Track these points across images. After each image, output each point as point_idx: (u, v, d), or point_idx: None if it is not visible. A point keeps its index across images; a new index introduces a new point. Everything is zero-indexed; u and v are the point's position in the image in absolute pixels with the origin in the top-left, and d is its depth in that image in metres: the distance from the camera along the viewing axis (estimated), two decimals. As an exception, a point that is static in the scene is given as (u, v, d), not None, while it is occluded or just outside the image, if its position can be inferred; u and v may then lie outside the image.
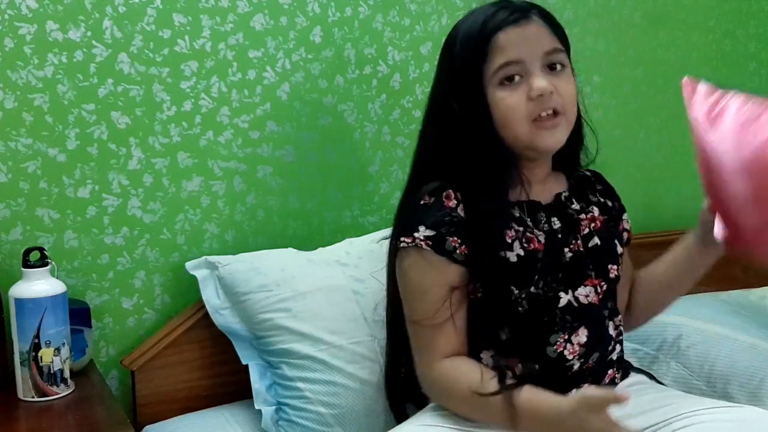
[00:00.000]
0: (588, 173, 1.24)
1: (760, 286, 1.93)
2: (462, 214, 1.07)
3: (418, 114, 1.63)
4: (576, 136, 1.16)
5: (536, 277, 1.06)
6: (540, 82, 1.04)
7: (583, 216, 1.14)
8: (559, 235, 1.10)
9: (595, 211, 1.16)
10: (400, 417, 1.22)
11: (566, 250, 1.10)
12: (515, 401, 0.99)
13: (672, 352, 1.49)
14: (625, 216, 1.24)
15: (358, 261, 1.38)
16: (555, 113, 1.06)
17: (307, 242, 1.49)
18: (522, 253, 1.06)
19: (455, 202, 1.08)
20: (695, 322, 1.54)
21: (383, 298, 1.31)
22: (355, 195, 1.58)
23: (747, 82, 2.14)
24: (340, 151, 1.55)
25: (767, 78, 2.18)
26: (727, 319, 1.58)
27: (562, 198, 1.14)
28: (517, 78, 1.06)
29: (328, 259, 1.39)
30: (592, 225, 1.14)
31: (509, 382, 1.02)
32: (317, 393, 1.23)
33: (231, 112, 1.43)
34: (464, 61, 1.08)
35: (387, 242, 1.42)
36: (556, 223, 1.11)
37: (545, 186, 1.15)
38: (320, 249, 1.43)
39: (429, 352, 1.07)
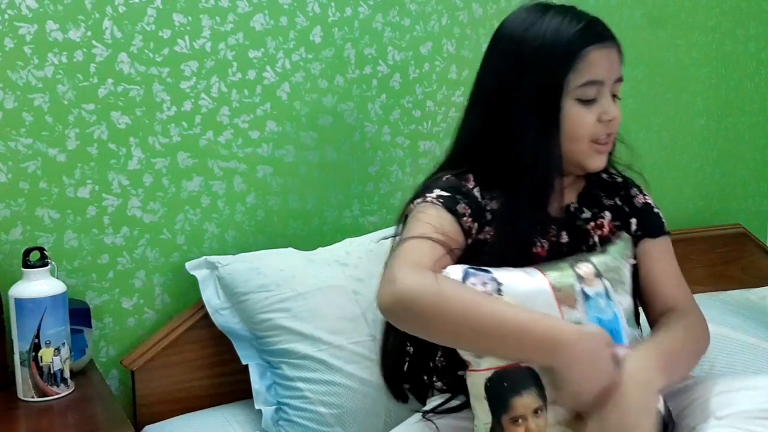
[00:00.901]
0: (620, 179, 1.23)
1: (760, 286, 1.94)
2: (478, 195, 1.09)
3: (419, 114, 1.63)
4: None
5: None
6: (614, 109, 1.09)
7: (592, 224, 1.15)
8: (565, 249, 1.11)
9: (607, 216, 1.17)
10: (400, 396, 1.21)
11: None
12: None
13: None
14: (632, 221, 1.18)
15: (358, 261, 1.38)
16: (608, 139, 1.10)
17: (307, 242, 1.50)
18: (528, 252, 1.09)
19: (473, 183, 1.10)
20: (695, 322, 1.54)
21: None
22: (355, 195, 1.58)
23: (747, 82, 2.15)
24: (340, 151, 1.55)
25: (767, 78, 2.18)
26: (727, 319, 1.58)
27: (571, 209, 1.15)
28: (593, 99, 1.08)
29: (328, 259, 1.39)
30: (599, 233, 1.14)
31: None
32: (317, 393, 1.23)
33: (231, 112, 1.43)
34: (548, 68, 1.06)
35: (386, 242, 1.43)
36: (564, 238, 1.12)
37: (563, 192, 1.15)
38: (320, 249, 1.44)
39: (412, 257, 0.98)
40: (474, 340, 0.94)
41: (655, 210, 1.23)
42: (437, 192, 1.07)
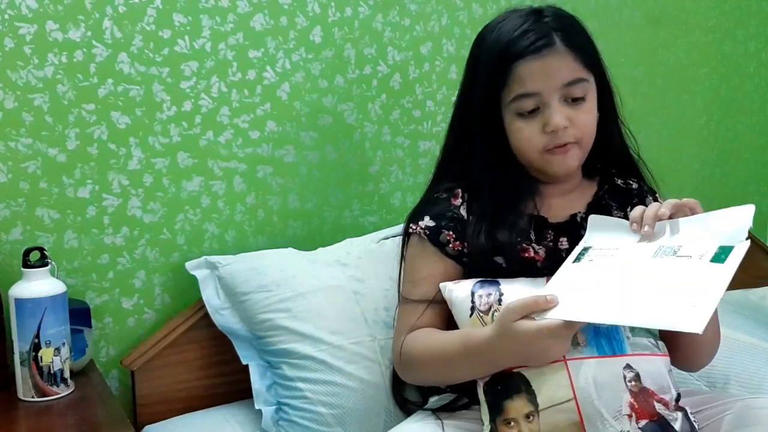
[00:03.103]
0: (635, 185, 1.20)
1: (760, 286, 1.94)
2: (464, 213, 1.12)
3: (419, 114, 1.63)
4: (611, 145, 1.16)
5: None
6: (555, 117, 1.05)
7: None
8: (564, 255, 1.09)
9: None
10: (403, 404, 1.23)
11: None
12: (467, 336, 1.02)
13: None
14: None
15: (358, 261, 1.38)
16: (562, 146, 1.07)
17: (307, 242, 1.50)
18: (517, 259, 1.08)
19: (460, 200, 1.13)
20: (695, 322, 1.54)
21: (384, 299, 1.32)
22: (355, 195, 1.58)
23: (747, 82, 2.15)
24: (340, 151, 1.55)
25: (767, 78, 2.18)
26: (727, 319, 1.57)
27: (578, 218, 1.13)
28: (534, 109, 1.06)
29: (328, 259, 1.38)
30: None
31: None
32: (317, 393, 1.23)
33: (231, 112, 1.43)
34: (484, 83, 1.09)
35: (386, 242, 1.43)
36: (564, 244, 1.11)
37: (567, 201, 1.14)
38: (320, 249, 1.44)
39: (400, 326, 1.13)
40: (453, 377, 1.07)
41: None
42: (426, 220, 1.13)
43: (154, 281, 1.40)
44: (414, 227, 1.13)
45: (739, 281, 1.09)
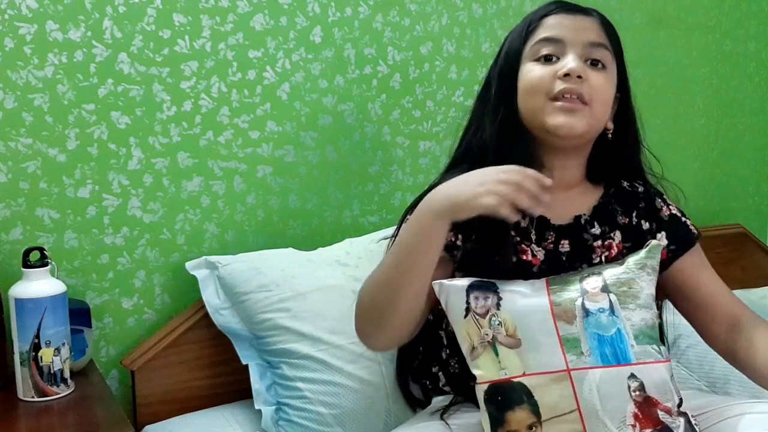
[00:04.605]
0: (640, 188, 1.17)
1: (760, 286, 1.94)
2: None
3: (419, 114, 1.63)
4: (619, 145, 1.14)
5: None
6: (571, 63, 1.03)
7: (599, 242, 1.10)
8: (564, 258, 1.08)
9: (617, 236, 1.11)
10: (408, 397, 1.23)
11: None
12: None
13: (671, 352, 1.49)
14: (660, 236, 1.14)
15: (358, 261, 1.38)
16: (578, 99, 1.03)
17: (307, 242, 1.50)
18: (513, 260, 1.06)
19: None
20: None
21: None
22: (355, 195, 1.58)
23: (747, 82, 2.15)
24: (340, 151, 1.55)
25: (767, 78, 2.18)
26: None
27: (582, 221, 1.10)
28: (553, 58, 1.05)
29: (328, 259, 1.39)
30: (605, 254, 1.09)
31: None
32: (317, 393, 1.23)
33: (231, 112, 1.43)
34: (510, 42, 1.10)
35: (387, 242, 1.43)
36: (565, 247, 1.08)
37: (569, 201, 1.11)
38: (320, 249, 1.44)
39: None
40: (391, 293, 1.02)
41: (683, 219, 1.18)
42: None
43: (154, 281, 1.40)
44: (410, 215, 1.11)
45: (739, 281, 1.09)
